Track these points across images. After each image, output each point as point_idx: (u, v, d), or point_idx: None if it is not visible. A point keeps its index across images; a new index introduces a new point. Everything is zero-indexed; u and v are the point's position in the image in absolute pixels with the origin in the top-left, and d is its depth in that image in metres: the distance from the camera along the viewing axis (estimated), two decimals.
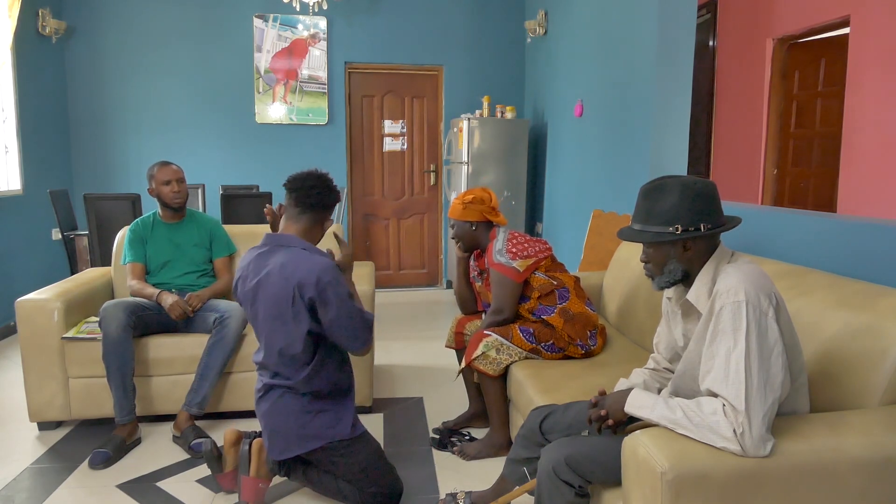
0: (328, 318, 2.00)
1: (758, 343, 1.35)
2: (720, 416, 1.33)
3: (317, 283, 1.96)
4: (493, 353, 2.48)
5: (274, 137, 5.68)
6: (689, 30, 3.35)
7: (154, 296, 2.83)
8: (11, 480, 2.43)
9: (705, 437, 1.34)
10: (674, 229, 1.47)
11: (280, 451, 2.11)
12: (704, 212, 1.48)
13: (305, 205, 2.10)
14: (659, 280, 1.55)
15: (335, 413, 2.13)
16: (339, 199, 2.18)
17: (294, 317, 2.00)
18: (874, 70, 3.77)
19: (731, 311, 1.37)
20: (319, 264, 1.99)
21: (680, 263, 1.50)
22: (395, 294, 5.88)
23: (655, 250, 1.52)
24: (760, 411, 1.32)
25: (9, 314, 4.34)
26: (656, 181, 1.54)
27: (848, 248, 2.06)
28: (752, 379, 1.33)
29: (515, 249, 2.54)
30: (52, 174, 5.09)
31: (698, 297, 1.49)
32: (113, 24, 5.34)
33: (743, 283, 1.38)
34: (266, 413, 2.12)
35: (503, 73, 5.94)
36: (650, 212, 1.51)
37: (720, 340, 1.38)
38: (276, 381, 2.10)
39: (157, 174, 2.94)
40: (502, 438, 2.57)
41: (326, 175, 2.16)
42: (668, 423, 1.40)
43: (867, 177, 3.85)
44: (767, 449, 1.32)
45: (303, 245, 2.08)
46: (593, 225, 4.07)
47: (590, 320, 2.56)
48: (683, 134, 3.44)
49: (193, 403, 2.70)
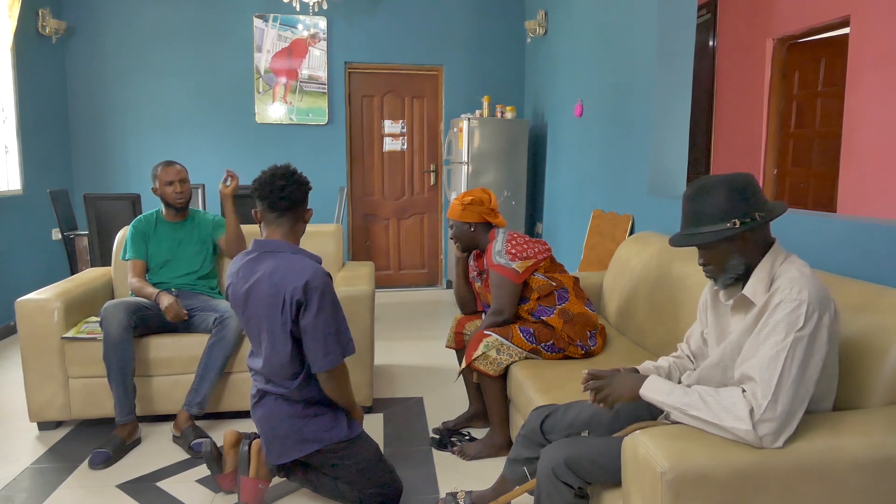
0: (304, 323, 1.96)
1: (806, 343, 1.36)
2: (737, 398, 1.36)
3: (305, 286, 1.93)
4: (494, 354, 2.48)
5: (274, 137, 5.68)
6: (689, 30, 3.35)
7: (153, 295, 2.83)
8: (11, 480, 2.43)
9: (717, 418, 1.36)
10: (731, 224, 1.46)
11: (278, 455, 2.10)
12: (753, 202, 1.48)
13: (280, 208, 2.03)
14: (722, 278, 1.54)
15: (332, 416, 2.12)
16: (310, 188, 2.11)
17: (283, 324, 1.97)
18: (874, 70, 3.77)
19: (790, 308, 1.38)
20: (309, 269, 1.97)
21: (742, 257, 1.50)
22: (395, 294, 5.88)
23: (715, 250, 1.51)
24: (786, 403, 1.33)
25: (9, 314, 4.34)
26: (697, 184, 1.53)
27: (848, 248, 2.06)
28: (788, 371, 1.34)
29: (515, 251, 2.53)
30: (52, 174, 5.09)
31: (755, 292, 1.48)
32: (113, 24, 5.34)
33: (807, 285, 1.40)
34: (262, 419, 2.11)
35: (503, 73, 5.94)
36: (701, 213, 1.50)
37: (771, 332, 1.39)
38: (269, 388, 2.08)
39: (161, 174, 2.94)
40: (502, 439, 2.58)
41: (289, 168, 2.07)
42: (681, 406, 1.42)
43: (867, 177, 3.85)
44: (780, 441, 1.33)
45: (291, 249, 2.05)
46: (593, 225, 4.07)
47: (589, 321, 2.56)
48: (683, 134, 3.44)
49: (193, 403, 2.70)
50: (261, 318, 2.01)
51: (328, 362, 1.98)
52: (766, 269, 1.49)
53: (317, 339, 1.96)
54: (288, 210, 2.05)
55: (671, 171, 3.46)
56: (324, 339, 1.97)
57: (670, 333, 2.44)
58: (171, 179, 2.94)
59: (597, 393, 1.62)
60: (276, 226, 2.06)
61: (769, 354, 1.37)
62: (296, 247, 2.07)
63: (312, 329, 1.95)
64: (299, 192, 2.06)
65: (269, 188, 2.01)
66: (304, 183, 2.09)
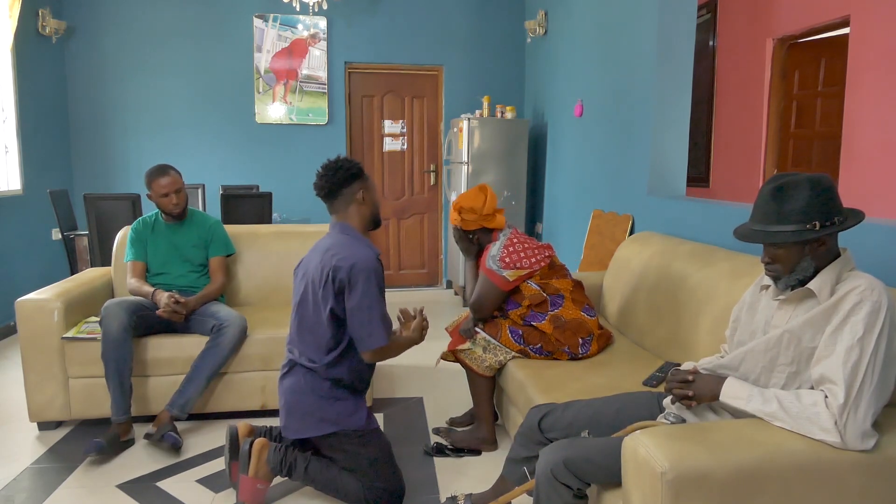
0: (350, 305, 2.06)
1: (886, 346, 1.37)
2: (821, 408, 1.36)
3: (351, 269, 2.04)
4: (480, 352, 2.51)
5: (274, 137, 5.68)
6: (689, 30, 3.35)
7: (150, 294, 2.83)
8: (11, 480, 2.43)
9: (803, 429, 1.37)
10: (811, 226, 1.45)
11: (295, 430, 2.16)
12: (834, 206, 1.47)
13: (325, 196, 2.19)
14: (787, 279, 1.52)
15: (354, 403, 2.18)
16: (348, 172, 2.18)
17: (323, 298, 2.07)
18: (874, 70, 3.77)
19: (870, 308, 1.38)
20: (360, 254, 2.08)
21: (813, 261, 1.48)
22: (395, 294, 5.88)
23: (788, 250, 1.49)
24: (868, 406, 1.34)
25: (9, 314, 4.34)
26: (778, 180, 1.51)
27: (847, 248, 2.05)
28: (869, 374, 1.35)
29: (509, 259, 2.52)
30: (52, 174, 5.09)
31: (821, 288, 1.47)
32: (113, 24, 5.34)
33: (885, 290, 1.41)
34: (287, 390, 2.17)
35: (503, 73, 5.94)
36: (781, 212, 1.48)
37: (849, 331, 1.39)
38: (301, 361, 2.15)
39: (155, 186, 2.89)
40: (486, 433, 2.63)
41: (330, 160, 2.20)
42: (763, 416, 1.43)
43: (867, 177, 3.85)
44: (870, 444, 1.34)
45: (350, 233, 2.17)
46: (593, 225, 4.07)
47: (583, 327, 2.52)
48: (683, 134, 3.44)
49: (176, 405, 2.68)
50: (307, 288, 2.13)
51: (374, 340, 2.08)
52: (834, 270, 1.48)
53: (363, 320, 2.06)
54: (330, 196, 2.18)
55: (671, 171, 3.46)
56: (368, 320, 2.06)
57: (670, 333, 2.44)
58: (166, 191, 2.90)
59: (680, 393, 1.59)
60: (333, 211, 2.22)
61: (851, 357, 1.36)
62: (358, 234, 2.19)
63: (358, 310, 2.06)
64: (335, 178, 2.17)
65: (317, 188, 2.19)
66: (339, 168, 2.18)
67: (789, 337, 1.49)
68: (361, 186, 2.20)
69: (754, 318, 1.65)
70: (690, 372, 1.62)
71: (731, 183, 5.08)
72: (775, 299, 1.58)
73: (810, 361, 1.46)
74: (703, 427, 1.47)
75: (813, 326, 1.46)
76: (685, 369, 1.66)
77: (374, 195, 2.27)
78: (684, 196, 3.41)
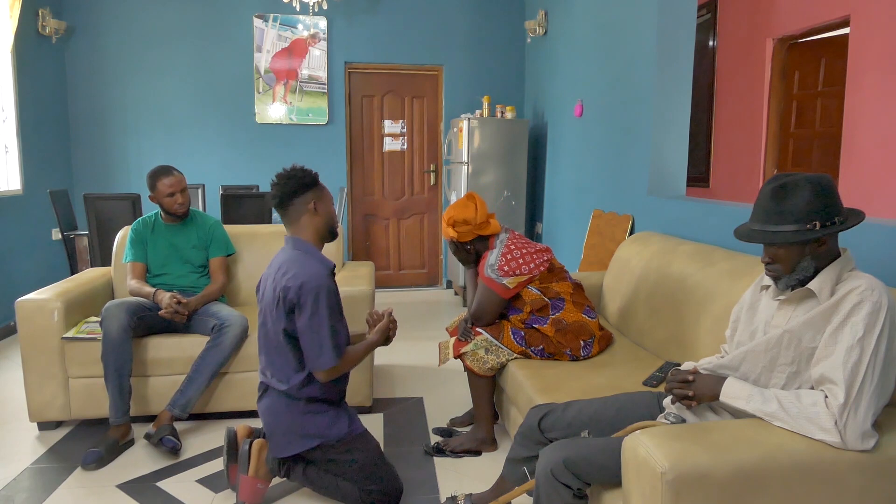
0: (300, 325, 2.03)
1: (886, 347, 1.37)
2: (820, 408, 1.36)
3: (300, 288, 1.99)
4: (482, 353, 2.50)
5: (274, 137, 5.68)
6: (689, 30, 3.34)
7: (151, 294, 2.83)
8: (11, 480, 2.43)
9: (803, 429, 1.37)
10: (811, 226, 1.45)
11: (280, 448, 2.14)
12: (834, 206, 1.47)
13: (278, 207, 2.12)
14: (787, 279, 1.52)
15: (334, 413, 2.16)
16: (300, 181, 2.10)
17: (277, 319, 2.05)
18: (874, 70, 3.77)
19: (870, 309, 1.38)
20: (310, 271, 2.02)
21: (814, 261, 1.48)
22: (395, 294, 5.88)
23: (788, 250, 1.49)
24: (868, 406, 1.34)
25: (9, 314, 4.34)
26: (778, 180, 1.51)
27: (847, 248, 2.05)
28: (870, 374, 1.35)
29: (508, 267, 2.51)
30: (52, 174, 5.09)
31: (821, 288, 1.47)
32: (113, 24, 5.34)
33: (885, 290, 1.41)
34: (265, 412, 2.16)
35: (503, 73, 5.94)
36: (781, 211, 1.48)
37: (849, 331, 1.39)
38: (272, 383, 2.14)
39: (160, 186, 2.89)
40: (485, 433, 2.62)
41: (282, 171, 2.12)
42: (763, 416, 1.43)
43: (867, 177, 3.85)
44: (870, 444, 1.34)
45: (302, 248, 2.11)
46: (593, 225, 4.07)
47: (585, 329, 2.52)
48: (683, 134, 3.44)
49: (177, 404, 2.67)
50: (265, 310, 2.11)
51: (322, 363, 2.05)
52: (834, 270, 1.48)
53: (310, 340, 2.03)
54: (281, 206, 2.12)
55: (671, 171, 3.46)
56: (318, 342, 2.02)
57: (670, 333, 2.44)
58: (171, 191, 2.90)
59: (681, 393, 1.59)
60: (287, 223, 2.16)
61: (851, 357, 1.36)
62: (310, 247, 2.12)
63: (308, 330, 2.02)
64: (286, 188, 2.10)
65: (270, 201, 2.14)
66: (291, 177, 2.10)
67: (789, 337, 1.49)
68: (314, 197, 2.13)
69: (754, 318, 1.65)
70: (690, 372, 1.62)
71: (731, 183, 5.08)
72: (775, 299, 1.58)
73: (810, 361, 1.46)
74: (703, 427, 1.46)
75: (813, 326, 1.46)
76: (685, 369, 1.66)
77: (329, 206, 2.18)
78: (684, 196, 3.41)
